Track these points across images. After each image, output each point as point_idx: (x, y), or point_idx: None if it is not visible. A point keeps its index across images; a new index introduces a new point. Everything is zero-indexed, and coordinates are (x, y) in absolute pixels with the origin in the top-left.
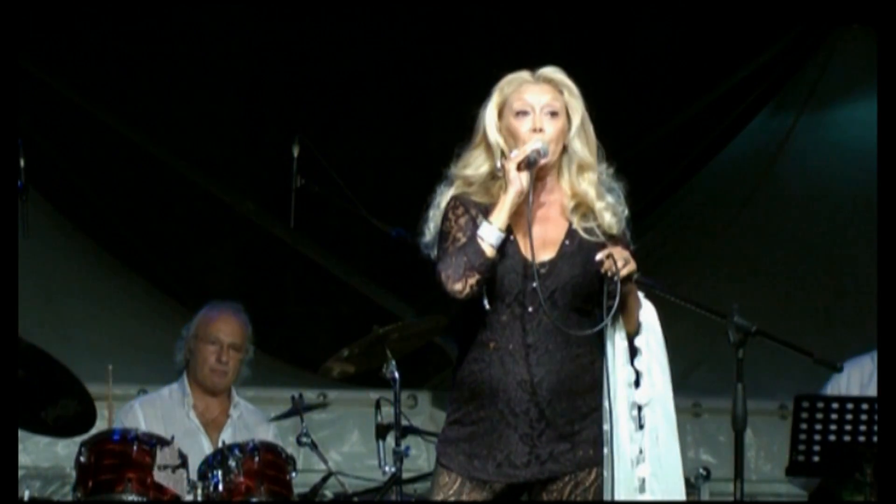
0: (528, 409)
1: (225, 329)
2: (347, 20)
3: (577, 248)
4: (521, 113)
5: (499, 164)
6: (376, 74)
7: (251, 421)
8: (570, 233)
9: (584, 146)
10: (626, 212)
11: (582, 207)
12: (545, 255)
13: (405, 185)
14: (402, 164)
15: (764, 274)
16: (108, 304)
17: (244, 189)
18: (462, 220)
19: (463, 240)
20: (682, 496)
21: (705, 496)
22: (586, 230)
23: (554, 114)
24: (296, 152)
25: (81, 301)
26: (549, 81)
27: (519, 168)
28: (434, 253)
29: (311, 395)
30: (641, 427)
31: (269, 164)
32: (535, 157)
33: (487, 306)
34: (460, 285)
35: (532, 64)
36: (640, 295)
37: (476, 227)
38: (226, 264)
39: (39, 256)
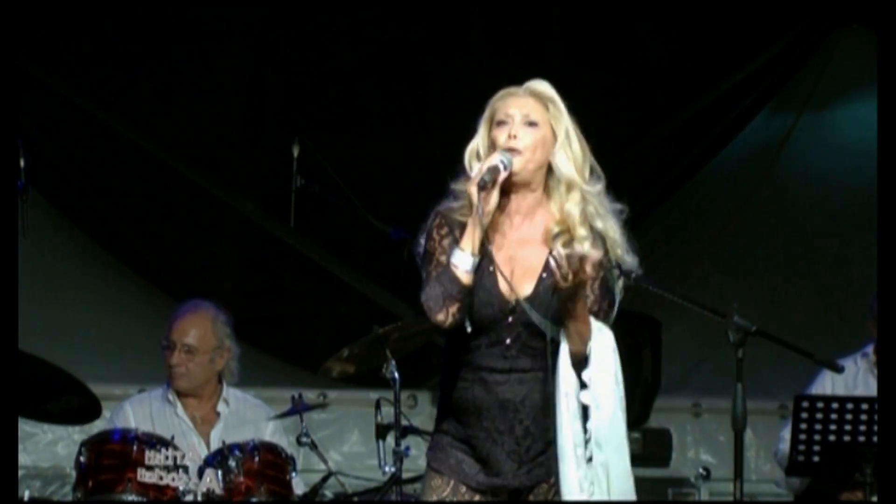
0: (513, 427)
1: (178, 331)
2: (347, 20)
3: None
4: (501, 123)
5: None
6: (376, 75)
7: (249, 416)
8: (549, 262)
9: (569, 162)
10: (617, 233)
11: (565, 234)
12: (523, 289)
13: (405, 185)
14: (402, 164)
15: (764, 274)
16: (108, 304)
17: (244, 189)
18: (445, 242)
19: (444, 264)
20: None
21: (705, 496)
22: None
23: (532, 124)
24: (296, 152)
25: (81, 301)
26: (534, 94)
27: (479, 188)
28: (421, 271)
29: (311, 395)
30: (590, 461)
31: (269, 164)
32: (492, 176)
33: (469, 329)
34: (442, 315)
35: (531, 65)
36: (599, 326)
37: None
38: (226, 264)
39: (39, 256)
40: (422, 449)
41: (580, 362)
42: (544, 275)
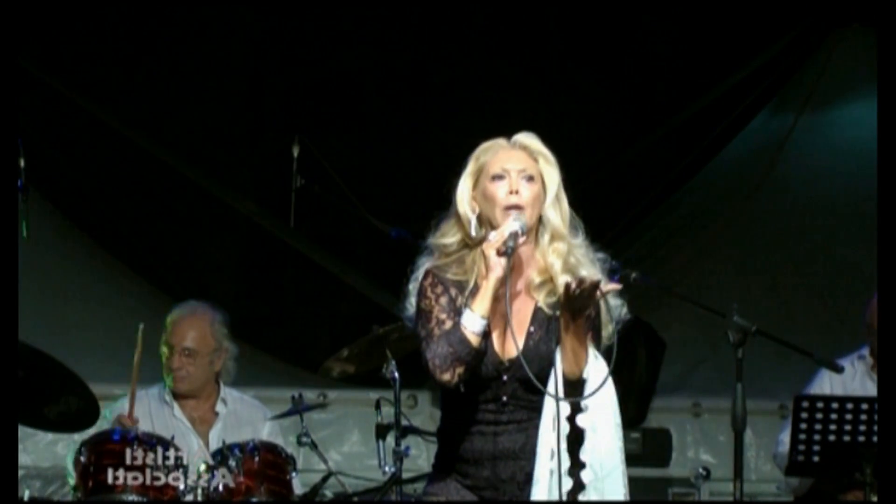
0: (514, 474)
1: (178, 334)
2: (348, 20)
3: (543, 334)
4: (497, 177)
5: (473, 233)
6: (376, 75)
7: (246, 416)
8: (535, 313)
9: (557, 216)
10: (602, 280)
11: (548, 284)
12: (513, 349)
13: (405, 185)
14: (403, 164)
15: (764, 274)
16: (108, 304)
17: (244, 189)
18: (443, 300)
19: (447, 323)
20: None
21: (705, 496)
22: (550, 305)
23: (530, 178)
24: (296, 152)
25: (81, 301)
26: (524, 148)
27: (498, 252)
28: (418, 329)
29: (311, 395)
30: (583, 487)
31: (269, 164)
32: (514, 243)
33: (462, 389)
34: (448, 375)
35: (531, 65)
36: (595, 353)
37: (456, 307)
38: (226, 264)
39: (39, 256)
40: (422, 449)
41: (575, 385)
42: (532, 329)
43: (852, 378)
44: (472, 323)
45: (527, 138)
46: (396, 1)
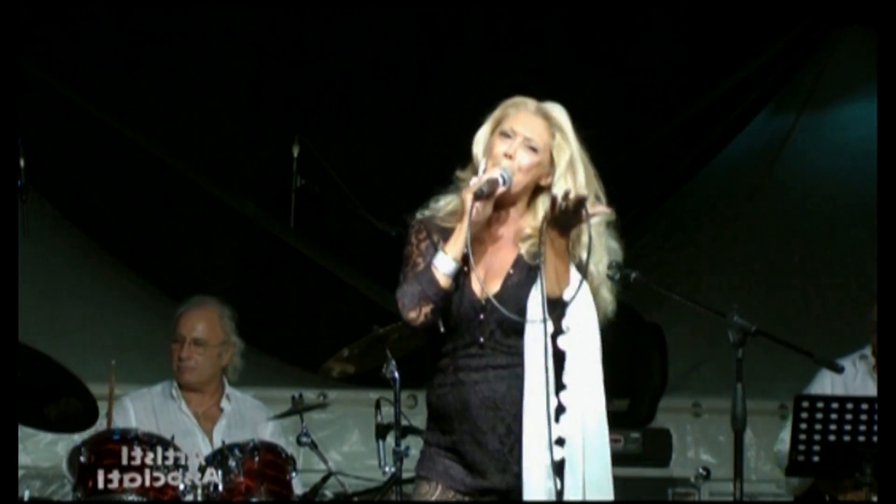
0: (494, 426)
1: (187, 325)
2: (347, 20)
3: (523, 277)
4: (504, 135)
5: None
6: (376, 75)
7: (249, 415)
8: (517, 260)
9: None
10: (600, 266)
11: (533, 238)
12: (491, 287)
13: (405, 185)
14: (402, 163)
15: (764, 274)
16: (108, 304)
17: (244, 189)
18: (423, 245)
19: (421, 265)
20: None
21: (705, 496)
22: (532, 255)
23: (533, 149)
24: (296, 152)
25: (81, 301)
26: (546, 117)
27: (475, 197)
28: (399, 276)
29: (311, 395)
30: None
31: (269, 164)
32: (490, 188)
33: (442, 329)
34: (414, 314)
35: (531, 64)
36: (579, 276)
37: (436, 252)
38: (226, 264)
39: (39, 256)
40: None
41: (556, 305)
42: (511, 271)
43: (853, 378)
44: (443, 264)
45: (553, 109)
46: (396, 1)
